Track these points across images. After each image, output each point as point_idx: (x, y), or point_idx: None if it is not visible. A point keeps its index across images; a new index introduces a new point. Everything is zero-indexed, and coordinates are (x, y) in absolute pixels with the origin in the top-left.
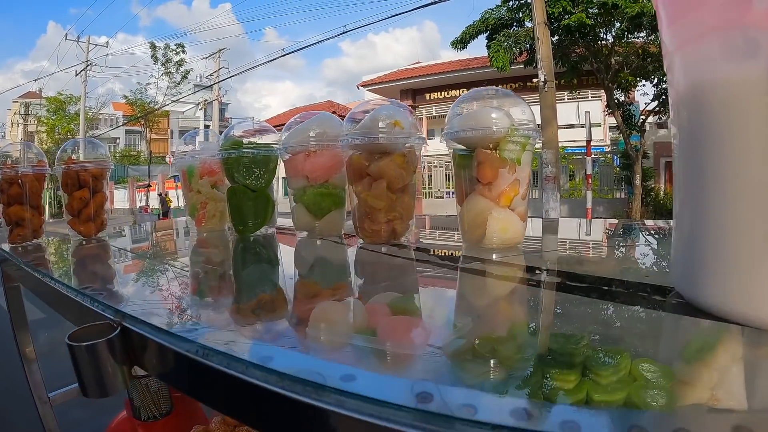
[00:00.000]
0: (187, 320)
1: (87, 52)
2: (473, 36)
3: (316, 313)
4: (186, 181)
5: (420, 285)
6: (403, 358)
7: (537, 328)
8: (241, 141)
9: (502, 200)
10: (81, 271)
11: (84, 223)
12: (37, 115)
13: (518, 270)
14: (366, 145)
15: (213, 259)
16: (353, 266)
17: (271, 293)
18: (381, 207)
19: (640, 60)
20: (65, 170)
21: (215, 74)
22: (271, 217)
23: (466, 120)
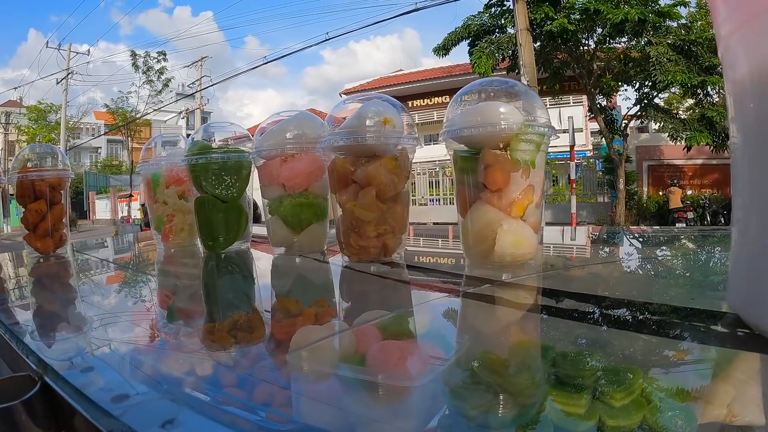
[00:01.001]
0: (131, 376)
1: (68, 60)
2: (455, 43)
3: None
4: (150, 190)
5: (420, 314)
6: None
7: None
8: (209, 145)
9: (515, 210)
10: (11, 299)
11: (41, 239)
12: (17, 124)
13: (538, 294)
14: (351, 147)
15: (176, 284)
16: (338, 291)
17: (245, 332)
18: (370, 219)
19: (621, 65)
20: (20, 179)
21: (197, 83)
22: (245, 230)
23: (470, 116)
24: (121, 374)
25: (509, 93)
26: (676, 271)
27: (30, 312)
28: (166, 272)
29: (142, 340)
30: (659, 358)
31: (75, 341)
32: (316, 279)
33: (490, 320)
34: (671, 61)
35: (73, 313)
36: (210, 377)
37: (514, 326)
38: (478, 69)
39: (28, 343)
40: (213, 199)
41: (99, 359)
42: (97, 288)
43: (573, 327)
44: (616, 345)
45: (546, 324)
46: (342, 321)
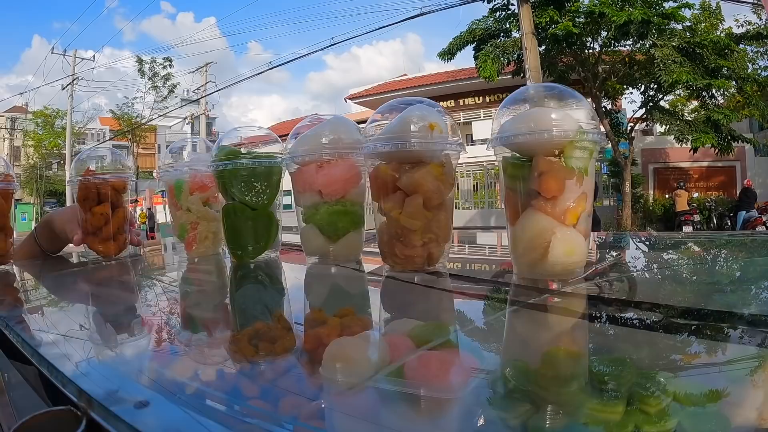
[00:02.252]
0: (190, 410)
1: (73, 66)
2: (460, 47)
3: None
4: (173, 197)
5: (467, 324)
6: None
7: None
8: (238, 151)
9: (568, 218)
10: (55, 313)
11: (103, 242)
12: (23, 129)
13: (599, 304)
14: (396, 153)
15: (223, 302)
16: (383, 302)
17: (292, 350)
18: (416, 228)
19: (626, 68)
20: (83, 182)
21: (202, 88)
22: (275, 239)
23: (522, 122)
24: (178, 408)
25: (558, 98)
26: (735, 277)
27: (67, 330)
28: (205, 287)
29: (200, 369)
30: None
31: (121, 368)
32: (359, 289)
33: (540, 330)
34: (676, 63)
35: (118, 333)
36: (273, 408)
37: (569, 335)
38: (484, 73)
39: (67, 370)
40: (242, 207)
41: (151, 391)
42: (141, 304)
43: (665, 342)
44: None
45: (612, 333)
46: (378, 332)
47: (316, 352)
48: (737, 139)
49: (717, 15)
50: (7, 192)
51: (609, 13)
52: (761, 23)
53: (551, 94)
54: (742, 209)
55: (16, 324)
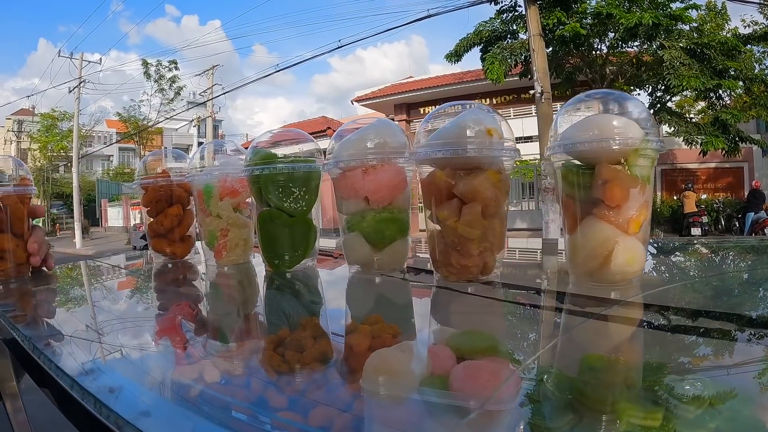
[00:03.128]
0: None
1: (80, 69)
2: (467, 49)
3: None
4: (202, 203)
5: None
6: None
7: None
8: (275, 154)
9: (632, 226)
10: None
11: (171, 244)
12: (30, 132)
13: (666, 313)
14: (454, 159)
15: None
16: (440, 314)
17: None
18: (474, 237)
19: (634, 69)
20: (154, 184)
21: (209, 91)
22: (313, 247)
23: (585, 129)
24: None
25: (617, 104)
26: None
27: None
28: (226, 299)
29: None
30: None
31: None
32: (411, 303)
33: (599, 340)
34: (684, 65)
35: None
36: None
37: (625, 343)
38: (491, 75)
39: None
40: (279, 213)
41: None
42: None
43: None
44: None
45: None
46: (420, 342)
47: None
48: (745, 140)
49: (723, 15)
50: (24, 197)
51: (617, 15)
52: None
53: (610, 99)
54: (751, 210)
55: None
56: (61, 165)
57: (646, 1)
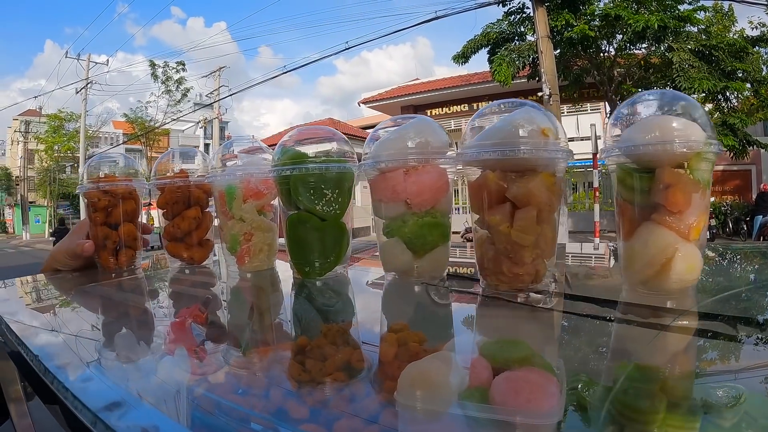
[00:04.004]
0: None
1: (87, 70)
2: (475, 50)
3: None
4: (224, 205)
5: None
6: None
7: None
8: (305, 153)
9: (692, 233)
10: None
11: (189, 249)
12: (36, 133)
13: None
14: (507, 160)
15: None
16: (489, 325)
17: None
18: (528, 243)
19: (642, 71)
20: (171, 186)
21: (215, 92)
22: (346, 253)
23: (645, 131)
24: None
25: (676, 106)
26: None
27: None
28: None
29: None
30: None
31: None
32: (462, 311)
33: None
34: (693, 67)
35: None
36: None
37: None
38: (498, 77)
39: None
40: (310, 217)
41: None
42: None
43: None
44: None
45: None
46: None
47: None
48: (753, 143)
49: (730, 17)
50: (131, 192)
51: (625, 17)
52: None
53: (668, 101)
54: (759, 213)
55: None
56: (67, 166)
57: (654, 3)
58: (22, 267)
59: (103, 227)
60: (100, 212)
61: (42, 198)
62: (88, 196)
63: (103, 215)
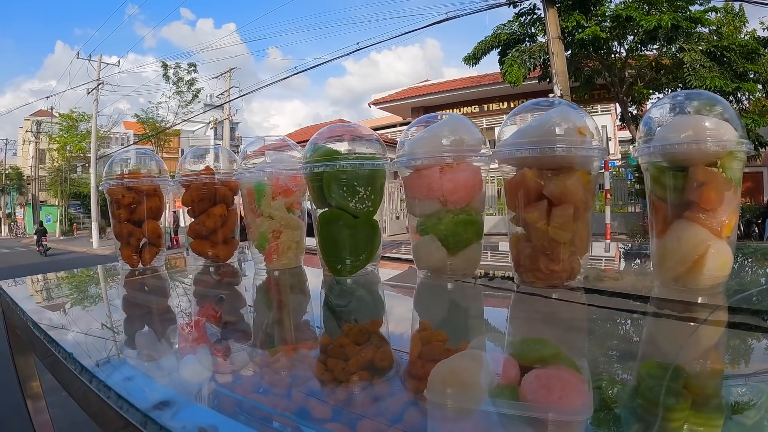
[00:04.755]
0: None
1: (98, 71)
2: (485, 52)
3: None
4: (253, 202)
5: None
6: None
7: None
8: (337, 151)
9: (724, 230)
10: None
11: (214, 246)
12: (49, 133)
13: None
14: (545, 158)
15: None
16: (528, 322)
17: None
18: (566, 240)
19: (653, 72)
20: (197, 183)
21: (226, 93)
22: (377, 251)
23: (679, 130)
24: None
25: (708, 106)
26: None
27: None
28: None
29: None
30: None
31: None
32: (499, 308)
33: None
34: (705, 67)
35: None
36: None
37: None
38: (509, 78)
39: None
40: (342, 214)
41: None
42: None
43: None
44: None
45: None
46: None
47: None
48: (765, 144)
49: (741, 17)
50: (155, 188)
51: (636, 17)
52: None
53: (700, 101)
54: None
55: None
56: (78, 166)
57: (665, 4)
58: (32, 266)
59: (127, 224)
60: (124, 209)
61: (53, 197)
62: (111, 192)
63: (127, 212)
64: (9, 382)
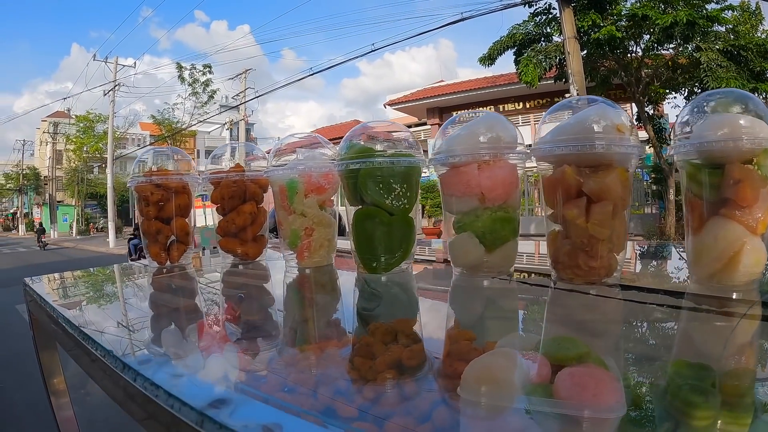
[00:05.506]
0: None
1: (115, 73)
2: (501, 52)
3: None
4: (285, 200)
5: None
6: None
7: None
8: (372, 148)
9: (759, 227)
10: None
11: (243, 244)
12: (66, 133)
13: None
14: (584, 155)
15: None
16: (568, 319)
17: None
18: (605, 237)
19: (670, 72)
20: (227, 180)
21: (242, 94)
22: (412, 249)
23: (715, 127)
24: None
25: (742, 105)
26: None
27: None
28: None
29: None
30: None
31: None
32: (536, 306)
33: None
34: (722, 67)
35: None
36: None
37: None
38: (526, 78)
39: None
40: (378, 211)
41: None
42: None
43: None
44: None
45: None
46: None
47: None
48: None
49: (757, 16)
50: (184, 186)
51: (652, 16)
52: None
53: (734, 99)
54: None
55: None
56: (95, 166)
57: (680, 2)
58: (53, 264)
59: (156, 221)
60: (153, 206)
61: (70, 197)
62: (139, 190)
63: (155, 209)
64: (26, 379)
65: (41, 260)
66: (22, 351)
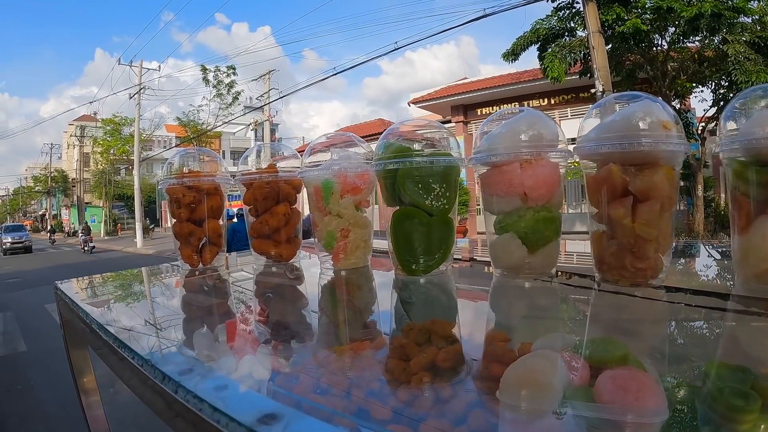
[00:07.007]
0: None
1: (140, 76)
2: (524, 47)
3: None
4: (320, 200)
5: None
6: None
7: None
8: (409, 148)
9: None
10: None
11: (277, 246)
12: (93, 136)
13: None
14: (629, 154)
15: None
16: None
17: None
18: (653, 237)
19: (696, 65)
20: (260, 181)
21: (266, 95)
22: (452, 250)
23: (761, 124)
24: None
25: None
26: None
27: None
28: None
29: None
30: None
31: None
32: (580, 308)
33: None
34: (750, 59)
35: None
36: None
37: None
38: (551, 73)
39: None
40: (417, 212)
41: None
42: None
43: None
44: None
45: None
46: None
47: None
48: None
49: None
50: (216, 187)
51: (677, 8)
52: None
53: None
54: None
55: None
56: (122, 168)
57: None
58: (81, 264)
59: (188, 223)
60: (185, 208)
61: (98, 199)
62: (171, 192)
63: (187, 211)
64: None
65: (71, 261)
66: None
